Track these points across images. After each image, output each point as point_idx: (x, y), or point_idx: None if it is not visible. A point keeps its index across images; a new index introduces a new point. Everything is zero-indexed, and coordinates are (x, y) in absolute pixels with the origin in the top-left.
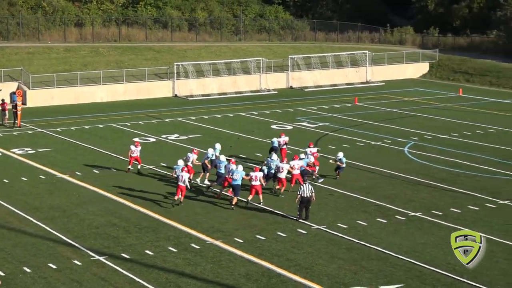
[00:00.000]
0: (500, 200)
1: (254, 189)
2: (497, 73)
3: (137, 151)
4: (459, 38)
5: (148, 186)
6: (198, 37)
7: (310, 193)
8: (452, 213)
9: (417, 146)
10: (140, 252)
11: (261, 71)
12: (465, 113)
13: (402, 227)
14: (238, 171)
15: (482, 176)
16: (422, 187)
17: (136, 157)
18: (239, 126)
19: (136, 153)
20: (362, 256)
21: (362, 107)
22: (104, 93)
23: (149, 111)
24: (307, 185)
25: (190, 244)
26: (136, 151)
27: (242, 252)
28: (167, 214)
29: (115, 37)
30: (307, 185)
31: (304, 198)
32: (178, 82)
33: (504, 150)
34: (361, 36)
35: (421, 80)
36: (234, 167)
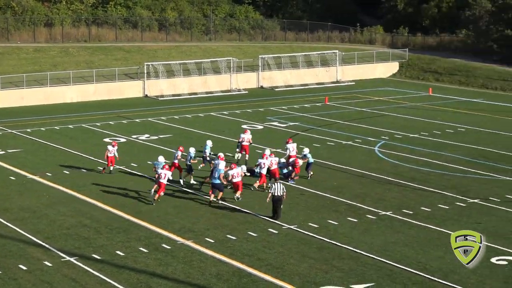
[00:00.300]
0: (470, 199)
1: (236, 185)
2: (466, 72)
3: (114, 151)
4: (429, 37)
5: (119, 186)
6: (168, 37)
7: (281, 192)
8: (422, 212)
9: (388, 146)
10: (111, 252)
11: (231, 71)
12: (435, 112)
13: (372, 226)
14: (220, 170)
15: (452, 175)
16: (393, 186)
17: (112, 157)
18: (210, 126)
19: (113, 152)
20: (333, 255)
21: (332, 106)
22: (74, 94)
23: (119, 111)
24: (278, 184)
25: (161, 244)
26: (113, 151)
27: (213, 252)
28: (138, 214)
29: (85, 37)
30: (279, 184)
31: (275, 197)
32: (149, 82)
33: (473, 149)
34: (331, 35)
35: (391, 80)
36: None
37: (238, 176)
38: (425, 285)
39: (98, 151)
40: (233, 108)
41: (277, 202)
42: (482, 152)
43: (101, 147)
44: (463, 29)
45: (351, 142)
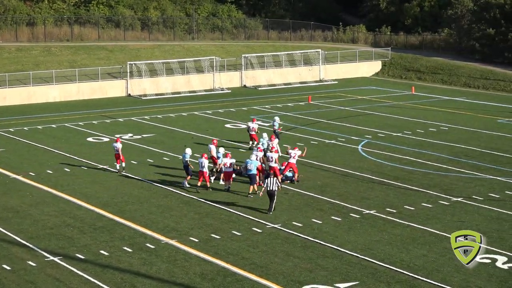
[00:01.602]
0: (453, 197)
1: (227, 175)
2: (449, 71)
3: (119, 148)
4: (411, 36)
5: (103, 186)
6: (151, 36)
7: (275, 186)
8: (405, 211)
9: (371, 144)
10: (95, 252)
11: (214, 70)
12: (417, 111)
13: (356, 225)
14: (252, 162)
15: (435, 173)
16: (376, 185)
17: (118, 154)
18: (193, 125)
19: (119, 149)
20: (317, 254)
21: (315, 105)
22: (57, 93)
23: (102, 111)
24: (271, 178)
25: (145, 243)
26: (118, 148)
27: (197, 251)
28: (122, 214)
29: (68, 37)
30: (272, 179)
31: (269, 191)
32: (132, 81)
33: (456, 147)
34: (314, 34)
35: (374, 79)
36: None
37: (231, 166)
38: (408, 284)
39: (81, 151)
40: (216, 107)
41: (271, 196)
42: (464, 151)
43: (85, 147)
44: (445, 28)
45: (334, 141)
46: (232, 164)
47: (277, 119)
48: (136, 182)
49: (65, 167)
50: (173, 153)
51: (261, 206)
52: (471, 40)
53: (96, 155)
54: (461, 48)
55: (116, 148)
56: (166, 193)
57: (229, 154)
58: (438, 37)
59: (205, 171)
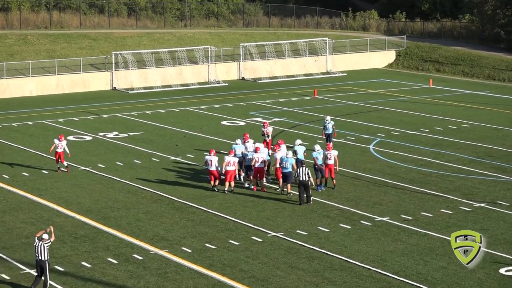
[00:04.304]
0: (475, 203)
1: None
2: (471, 62)
3: (62, 146)
4: (428, 23)
5: (85, 190)
6: (139, 23)
7: (306, 176)
8: (422, 218)
9: (384, 144)
10: (76, 264)
11: (209, 60)
12: (435, 107)
13: (367, 234)
14: (288, 159)
15: (455, 176)
16: (390, 189)
17: (61, 153)
18: (186, 122)
19: (61, 148)
20: (324, 266)
21: (322, 100)
22: (34, 86)
23: (84, 106)
24: (303, 168)
25: (132, 254)
26: (61, 145)
27: (190, 263)
28: (106, 221)
29: (46, 24)
30: (304, 169)
31: (301, 182)
32: (117, 73)
33: (479, 147)
34: (320, 21)
35: (387, 70)
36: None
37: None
38: None
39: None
40: (211, 102)
41: (303, 187)
42: (488, 151)
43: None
44: (467, 14)
45: (343, 140)
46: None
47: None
48: (122, 185)
49: (43, 169)
50: (163, 153)
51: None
52: (496, 27)
53: (77, 156)
54: (484, 36)
55: (59, 146)
56: (155, 198)
57: (259, 148)
58: (458, 24)
59: (215, 170)
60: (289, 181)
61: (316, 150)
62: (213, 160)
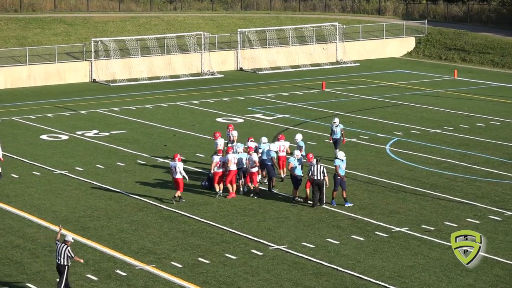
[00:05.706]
0: (507, 211)
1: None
2: (501, 50)
3: None
4: (453, 5)
5: (60, 197)
6: (122, 5)
7: (321, 175)
8: (446, 228)
9: (402, 144)
10: (50, 281)
11: (202, 49)
12: (461, 101)
13: (383, 246)
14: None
15: (483, 180)
16: (408, 195)
17: None
18: (176, 119)
19: None
20: (333, 284)
21: (331, 94)
22: (2, 78)
23: (60, 101)
24: (318, 166)
25: (115, 270)
26: None
27: (181, 279)
28: (85, 232)
29: (15, 6)
30: (319, 166)
31: (314, 181)
32: (97, 63)
33: (510, 147)
34: (329, 3)
35: (406, 60)
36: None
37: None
38: None
39: (33, 152)
40: (205, 96)
41: (317, 186)
42: None
43: (37, 147)
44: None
45: (356, 139)
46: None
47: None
48: (102, 192)
49: (12, 173)
50: (149, 154)
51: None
52: None
53: (51, 157)
54: None
55: None
56: (141, 206)
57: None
58: (487, 6)
59: (180, 178)
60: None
61: (340, 157)
62: (178, 167)
